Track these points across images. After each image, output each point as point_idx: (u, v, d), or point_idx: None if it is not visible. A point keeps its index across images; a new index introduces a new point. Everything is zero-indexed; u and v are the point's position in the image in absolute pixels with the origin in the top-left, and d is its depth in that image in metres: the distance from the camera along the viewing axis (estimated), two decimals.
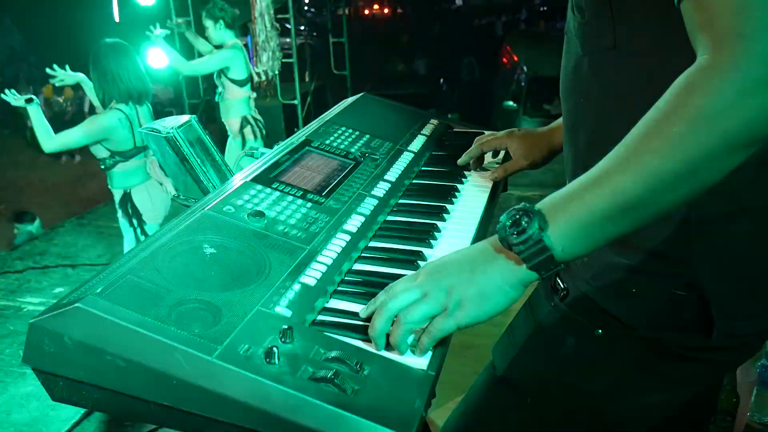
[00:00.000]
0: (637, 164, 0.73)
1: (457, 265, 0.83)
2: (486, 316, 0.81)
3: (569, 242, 0.77)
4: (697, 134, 0.69)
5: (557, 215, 0.77)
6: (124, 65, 3.02)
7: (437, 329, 0.81)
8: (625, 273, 0.93)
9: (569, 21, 1.00)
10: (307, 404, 0.72)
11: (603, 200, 0.74)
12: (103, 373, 0.79)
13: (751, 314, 0.92)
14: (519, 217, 0.78)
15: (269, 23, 5.80)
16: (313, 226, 1.08)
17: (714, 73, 0.68)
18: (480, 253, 0.83)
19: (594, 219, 0.75)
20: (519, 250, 0.78)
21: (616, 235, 0.77)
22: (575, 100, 1.00)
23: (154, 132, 1.32)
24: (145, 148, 3.09)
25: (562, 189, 0.79)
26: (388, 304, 0.83)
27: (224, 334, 0.79)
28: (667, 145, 0.70)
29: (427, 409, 0.76)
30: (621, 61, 0.89)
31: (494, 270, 0.81)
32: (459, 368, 2.77)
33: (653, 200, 0.73)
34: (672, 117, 0.71)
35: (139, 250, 0.92)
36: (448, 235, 1.17)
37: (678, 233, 0.88)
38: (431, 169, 1.47)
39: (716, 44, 0.69)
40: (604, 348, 0.97)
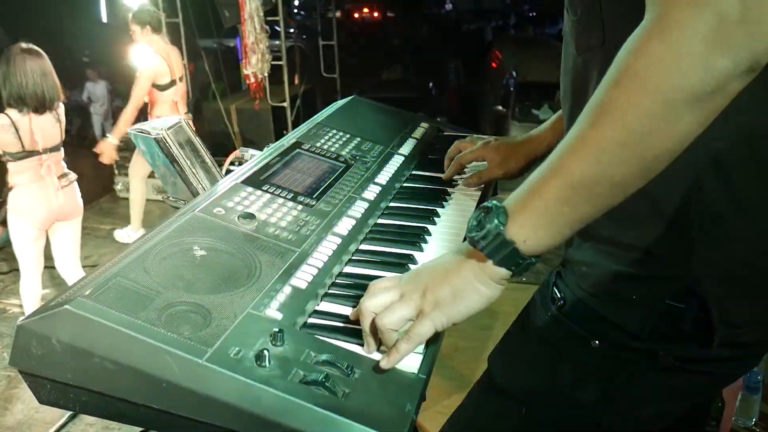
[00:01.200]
0: (580, 142, 0.72)
1: (432, 268, 0.85)
2: (461, 315, 0.82)
3: (530, 233, 0.76)
4: (631, 96, 0.67)
5: (516, 208, 0.77)
6: (15, 71, 3.05)
7: (416, 333, 0.81)
8: (625, 280, 0.92)
9: (565, 20, 1.00)
10: (297, 407, 0.72)
11: (553, 183, 0.74)
12: (91, 375, 0.78)
13: (752, 321, 0.91)
14: (483, 216, 0.79)
15: (259, 25, 5.79)
16: (303, 229, 1.08)
17: (645, 31, 0.67)
18: (452, 258, 0.85)
19: (548, 205, 0.75)
20: (482, 247, 0.78)
21: (579, 220, 0.76)
22: (573, 100, 1.00)
23: (144, 133, 1.31)
24: (38, 152, 3.15)
25: (523, 183, 0.79)
26: (366, 303, 0.84)
27: (214, 336, 0.78)
28: (603, 113, 0.69)
29: (417, 412, 0.76)
30: (610, 58, 0.89)
31: (465, 268, 0.81)
32: (447, 371, 2.78)
33: (602, 173, 0.71)
34: (608, 85, 0.69)
35: (128, 251, 0.91)
36: (438, 239, 1.17)
37: (678, 237, 0.87)
38: (422, 172, 1.47)
39: (650, 3, 0.67)
40: (601, 359, 0.96)
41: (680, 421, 1.06)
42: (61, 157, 3.32)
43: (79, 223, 3.51)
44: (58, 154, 3.28)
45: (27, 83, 3.06)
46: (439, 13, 17.19)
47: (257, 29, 5.77)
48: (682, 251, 0.88)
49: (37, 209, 3.18)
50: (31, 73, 3.07)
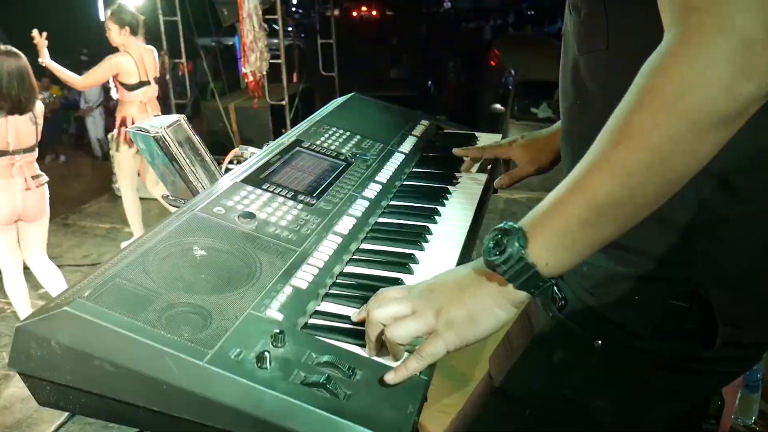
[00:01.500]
0: (605, 161, 0.70)
1: (447, 287, 0.82)
2: (475, 338, 0.79)
3: (552, 255, 0.74)
4: (657, 118, 0.66)
5: (536, 230, 0.75)
6: (1, 73, 3.09)
7: (428, 353, 0.79)
8: (628, 281, 0.91)
9: (566, 21, 0.99)
10: (299, 409, 0.71)
11: (576, 205, 0.72)
12: (91, 377, 0.77)
13: (755, 321, 0.91)
14: (501, 237, 0.76)
15: (257, 24, 5.78)
16: (303, 228, 1.07)
17: (671, 52, 0.66)
18: (468, 276, 0.81)
19: (571, 227, 0.73)
20: (502, 271, 0.76)
21: (601, 241, 0.75)
22: (571, 101, 0.99)
23: (143, 132, 1.30)
24: (12, 153, 3.18)
25: (541, 202, 0.78)
26: (375, 312, 0.81)
27: (215, 338, 0.77)
28: (629, 136, 0.68)
29: (419, 414, 0.76)
30: (614, 62, 0.88)
31: (483, 292, 0.79)
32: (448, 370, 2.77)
33: (627, 195, 0.70)
34: (633, 105, 0.69)
35: (128, 252, 0.91)
36: (439, 237, 1.17)
37: (681, 238, 0.86)
38: (422, 170, 1.47)
39: (673, 23, 0.67)
40: (603, 359, 0.96)
41: (680, 420, 1.05)
42: (35, 158, 3.34)
43: (46, 224, 3.52)
44: (32, 154, 3.30)
45: (3, 85, 3.08)
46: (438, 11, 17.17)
47: (256, 28, 5.76)
48: (685, 254, 0.87)
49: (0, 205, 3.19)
50: (7, 74, 3.10)
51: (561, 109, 1.04)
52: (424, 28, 15.18)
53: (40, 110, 3.35)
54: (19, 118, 3.19)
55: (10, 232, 3.32)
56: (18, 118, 3.18)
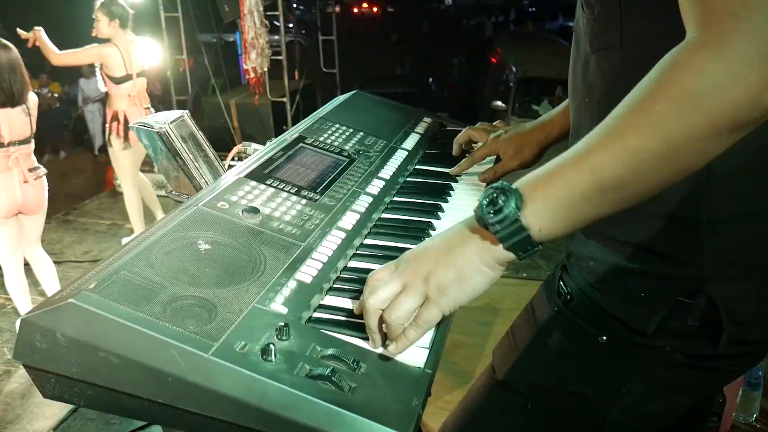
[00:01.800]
0: (618, 143, 0.70)
1: (434, 250, 0.81)
2: (466, 297, 0.79)
3: (546, 222, 0.74)
4: (681, 113, 0.66)
5: (535, 194, 0.75)
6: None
7: (424, 320, 0.79)
8: (634, 277, 0.91)
9: (578, 18, 0.99)
10: (304, 402, 0.71)
11: (582, 179, 0.72)
12: (96, 370, 0.77)
13: (759, 320, 0.91)
14: (496, 196, 0.75)
15: (258, 20, 5.77)
16: (307, 223, 1.07)
17: (702, 50, 0.66)
18: (456, 234, 0.81)
19: (572, 199, 0.73)
20: (495, 230, 0.75)
21: (594, 217, 0.75)
22: (582, 98, 0.99)
23: (146, 127, 1.31)
24: (7, 145, 3.19)
25: (542, 167, 0.77)
26: (369, 300, 0.81)
27: (220, 330, 0.78)
28: (649, 124, 0.68)
29: (424, 407, 0.76)
30: (627, 60, 0.88)
31: (470, 250, 0.79)
32: (449, 367, 2.78)
33: (633, 181, 0.71)
34: (656, 94, 0.68)
35: (133, 245, 0.91)
36: None
37: (689, 236, 0.86)
38: (425, 167, 1.47)
39: (706, 22, 0.67)
40: (607, 355, 0.96)
41: (683, 417, 1.06)
42: (31, 150, 3.35)
43: (43, 216, 3.54)
44: (28, 146, 3.31)
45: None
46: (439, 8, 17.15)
47: (257, 24, 5.76)
48: (691, 252, 0.87)
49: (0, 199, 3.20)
50: (2, 66, 3.10)
51: (570, 107, 1.04)
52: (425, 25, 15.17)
53: (33, 102, 3.36)
54: (11, 110, 3.20)
55: (11, 227, 3.33)
56: (11, 110, 3.19)
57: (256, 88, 6.04)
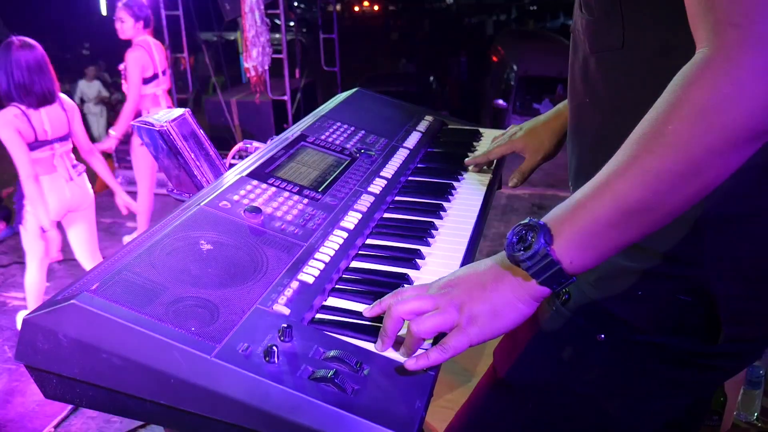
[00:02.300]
0: (637, 167, 0.71)
1: (468, 282, 0.82)
2: (498, 332, 0.80)
3: (576, 254, 0.76)
4: (695, 130, 0.67)
5: (562, 228, 0.76)
6: (21, 65, 3.08)
7: (452, 346, 0.79)
8: (633, 276, 0.91)
9: (576, 19, 0.99)
10: (307, 404, 0.71)
11: (605, 208, 0.73)
12: (98, 371, 0.77)
13: (758, 318, 0.91)
14: (525, 233, 0.77)
15: (259, 19, 5.76)
16: (309, 223, 1.07)
17: (710, 66, 0.66)
18: (489, 271, 0.82)
19: (598, 228, 0.74)
20: (527, 266, 0.77)
21: (626, 242, 0.76)
22: (581, 99, 0.99)
23: (147, 125, 1.30)
24: (50, 141, 3.19)
25: (566, 200, 0.78)
26: (398, 307, 0.82)
27: (222, 332, 0.77)
28: (665, 144, 0.69)
29: (426, 409, 0.76)
30: (629, 61, 0.88)
31: (505, 287, 0.80)
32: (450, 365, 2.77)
33: (657, 203, 0.71)
34: (669, 114, 0.69)
35: (134, 245, 0.91)
36: (445, 233, 1.17)
37: (689, 235, 0.87)
38: (427, 166, 1.46)
39: (712, 36, 0.67)
40: (606, 353, 0.96)
41: (683, 414, 1.05)
42: (71, 148, 3.34)
43: (92, 212, 3.53)
44: (68, 143, 3.32)
45: (25, 81, 3.08)
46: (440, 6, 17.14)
47: (258, 22, 5.75)
48: (691, 252, 0.87)
49: (49, 201, 3.18)
50: (27, 69, 3.09)
51: (570, 107, 1.04)
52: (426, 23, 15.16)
53: (66, 99, 3.34)
54: (49, 108, 3.18)
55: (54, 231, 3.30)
56: (48, 108, 3.18)
57: (257, 87, 6.03)
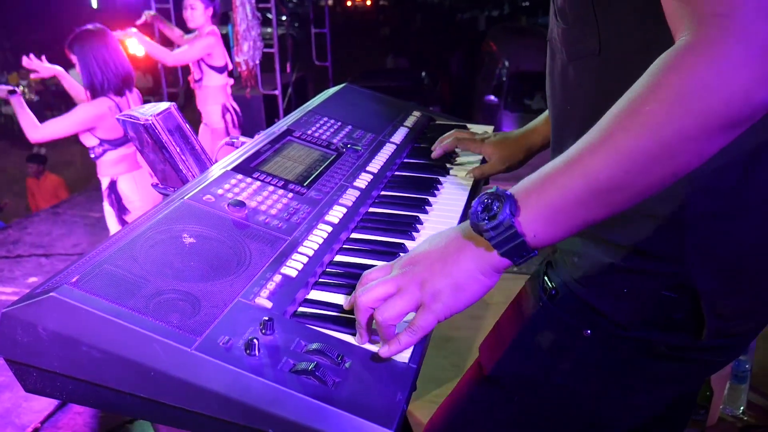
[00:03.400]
0: (610, 145, 0.71)
1: (429, 256, 0.82)
2: (462, 306, 0.80)
3: (541, 228, 0.75)
4: (671, 114, 0.67)
5: (529, 200, 0.75)
6: (110, 52, 2.98)
7: (419, 326, 0.79)
8: (617, 273, 0.92)
9: (552, 28, 0.99)
10: (287, 396, 0.71)
11: (575, 183, 0.72)
12: (78, 364, 0.77)
13: (742, 313, 0.92)
14: (490, 202, 0.76)
15: (250, 13, 5.74)
16: (294, 217, 1.07)
17: (690, 52, 0.67)
18: (451, 241, 0.81)
19: (566, 204, 0.73)
20: (490, 236, 0.76)
21: (590, 221, 0.75)
22: (562, 106, 0.99)
23: (132, 119, 1.29)
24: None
25: (535, 172, 0.77)
26: (362, 298, 0.81)
27: (203, 325, 0.77)
28: (640, 125, 0.69)
29: (408, 402, 0.76)
30: (607, 66, 0.88)
31: (466, 258, 0.79)
32: (438, 361, 2.78)
33: (627, 183, 0.71)
34: (646, 96, 0.69)
35: (116, 239, 0.90)
36: (430, 228, 1.17)
37: (671, 232, 0.87)
38: (414, 161, 1.47)
39: (693, 25, 0.67)
40: (592, 348, 0.96)
41: (669, 408, 1.06)
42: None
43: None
44: None
45: (116, 64, 2.98)
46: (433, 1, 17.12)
47: (249, 17, 5.72)
48: (674, 249, 0.88)
49: (137, 197, 3.09)
50: (114, 53, 2.99)
51: (550, 114, 1.04)
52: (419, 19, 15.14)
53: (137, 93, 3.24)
54: (132, 98, 3.07)
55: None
56: (132, 98, 3.07)
57: (248, 81, 6.00)
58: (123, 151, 3.05)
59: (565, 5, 0.92)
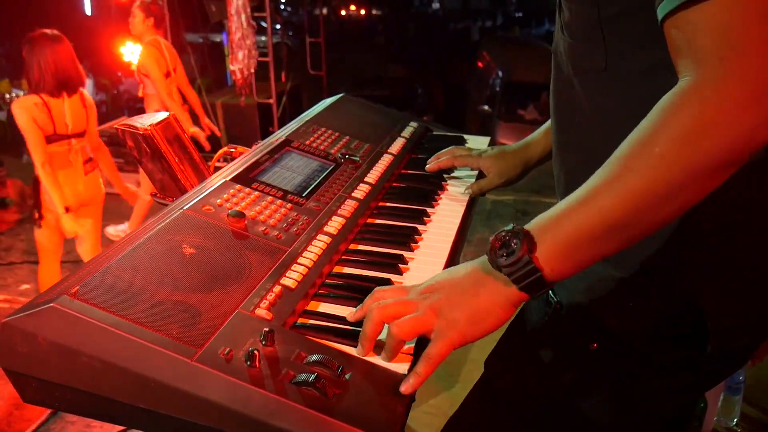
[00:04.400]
0: (621, 185, 0.73)
1: (448, 287, 0.83)
2: (477, 337, 0.81)
3: (557, 263, 0.77)
4: (680, 155, 0.69)
5: (545, 236, 0.77)
6: (55, 55, 3.14)
7: (434, 354, 0.79)
8: (622, 287, 0.92)
9: (558, 41, 1.00)
10: (288, 408, 0.71)
11: (589, 221, 0.75)
12: (77, 374, 0.77)
13: (745, 326, 0.93)
14: (508, 239, 0.78)
15: (245, 21, 5.75)
16: (293, 227, 1.07)
17: (696, 94, 0.69)
18: (469, 276, 0.83)
19: (581, 239, 0.76)
20: (509, 272, 0.78)
21: (604, 254, 0.77)
22: (566, 119, 1.00)
23: (131, 129, 1.30)
24: (68, 136, 3.22)
25: (550, 209, 0.80)
26: (378, 311, 0.82)
27: (204, 336, 0.77)
28: (649, 166, 0.71)
29: (408, 413, 0.76)
30: (612, 83, 0.90)
31: (485, 292, 0.81)
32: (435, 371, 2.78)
33: (638, 220, 0.73)
34: (654, 137, 0.71)
35: (116, 249, 0.90)
36: (428, 238, 1.17)
37: (674, 247, 0.88)
38: (412, 172, 1.47)
39: (698, 66, 0.69)
40: (598, 362, 0.97)
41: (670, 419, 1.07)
42: (86, 143, 3.36)
43: (101, 208, 3.55)
44: (84, 140, 3.33)
45: (54, 67, 3.12)
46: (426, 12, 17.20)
47: (244, 25, 5.73)
48: (678, 263, 0.89)
49: (66, 194, 3.20)
50: (60, 58, 3.14)
51: (554, 125, 1.05)
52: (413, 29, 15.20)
53: (86, 95, 3.38)
54: (70, 101, 3.21)
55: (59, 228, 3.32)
56: (70, 101, 3.20)
57: (242, 90, 6.01)
58: (53, 148, 3.16)
59: (572, 21, 0.93)
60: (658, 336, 0.93)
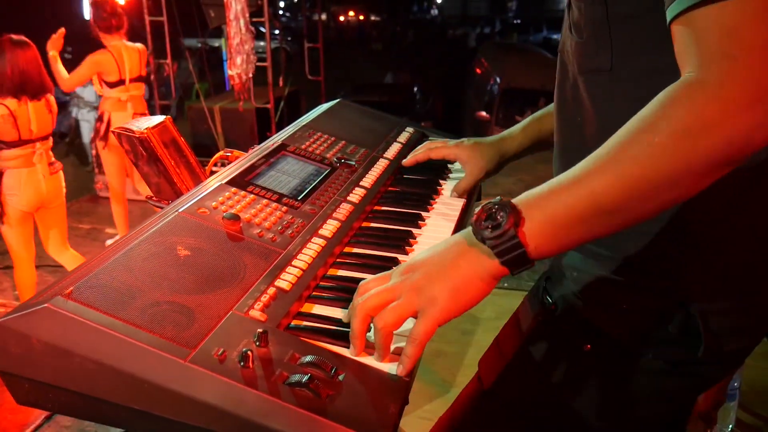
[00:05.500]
0: (617, 170, 0.73)
1: (428, 263, 0.82)
2: (459, 311, 0.80)
3: (542, 240, 0.77)
4: (678, 148, 0.69)
5: (533, 213, 0.77)
6: (16, 60, 3.22)
7: (418, 334, 0.79)
8: (616, 288, 0.93)
9: (565, 40, 1.00)
10: (281, 409, 0.71)
11: (580, 202, 0.75)
12: (71, 375, 0.77)
13: (737, 330, 0.93)
14: (495, 211, 0.77)
15: (244, 26, 5.76)
16: (288, 230, 1.07)
17: (699, 90, 0.69)
18: (451, 247, 0.82)
19: (569, 220, 0.75)
20: (492, 245, 0.77)
21: (588, 238, 0.77)
22: (571, 119, 1.01)
23: (127, 132, 1.30)
24: (33, 140, 3.31)
25: (540, 186, 0.79)
26: (360, 304, 0.82)
27: (198, 337, 0.78)
28: (647, 156, 0.71)
29: (401, 415, 0.76)
30: (617, 84, 0.90)
31: (466, 263, 0.80)
32: (428, 376, 2.78)
33: (629, 207, 0.73)
34: (655, 127, 0.71)
35: (111, 250, 0.90)
36: (423, 242, 1.18)
37: (669, 250, 0.89)
38: (407, 176, 1.48)
39: (703, 63, 0.70)
40: (591, 363, 0.98)
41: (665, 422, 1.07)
42: (50, 146, 3.45)
43: (64, 209, 3.63)
44: (48, 142, 3.42)
45: (19, 73, 3.21)
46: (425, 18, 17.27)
47: (243, 30, 5.75)
48: (671, 266, 0.90)
49: (26, 193, 3.32)
50: (23, 63, 3.22)
51: (557, 125, 1.06)
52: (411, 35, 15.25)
53: (52, 98, 3.46)
54: (37, 105, 3.30)
55: (30, 223, 3.44)
56: (36, 105, 3.30)
57: (240, 94, 6.02)
58: (18, 151, 3.28)
59: (581, 20, 0.94)
60: (651, 337, 0.93)
